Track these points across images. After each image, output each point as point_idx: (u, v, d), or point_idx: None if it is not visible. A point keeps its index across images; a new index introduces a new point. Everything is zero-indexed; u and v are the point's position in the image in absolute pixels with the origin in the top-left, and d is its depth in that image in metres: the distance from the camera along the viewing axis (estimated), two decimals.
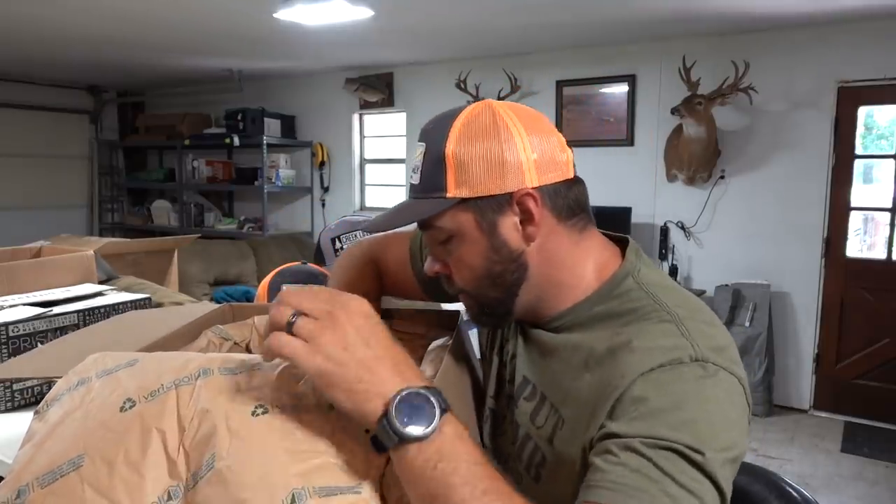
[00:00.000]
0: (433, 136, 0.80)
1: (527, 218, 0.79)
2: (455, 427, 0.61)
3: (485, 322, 0.91)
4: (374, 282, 1.10)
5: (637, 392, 0.69)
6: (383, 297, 1.14)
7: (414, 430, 0.59)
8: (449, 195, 0.78)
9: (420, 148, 0.82)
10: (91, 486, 0.62)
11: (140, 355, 0.74)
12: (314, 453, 0.62)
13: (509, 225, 0.79)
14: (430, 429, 0.59)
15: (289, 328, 0.62)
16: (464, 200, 0.78)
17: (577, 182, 0.83)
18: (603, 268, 0.83)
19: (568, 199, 0.81)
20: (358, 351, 0.61)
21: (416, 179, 0.82)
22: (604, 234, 0.89)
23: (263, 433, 0.62)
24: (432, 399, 0.60)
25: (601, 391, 0.73)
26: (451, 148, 0.78)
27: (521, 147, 0.78)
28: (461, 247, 0.81)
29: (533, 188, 0.78)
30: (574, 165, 0.83)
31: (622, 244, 0.87)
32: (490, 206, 0.78)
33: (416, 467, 0.59)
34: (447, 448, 0.60)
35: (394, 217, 0.84)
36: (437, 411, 0.60)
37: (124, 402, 0.66)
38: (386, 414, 0.60)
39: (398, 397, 0.60)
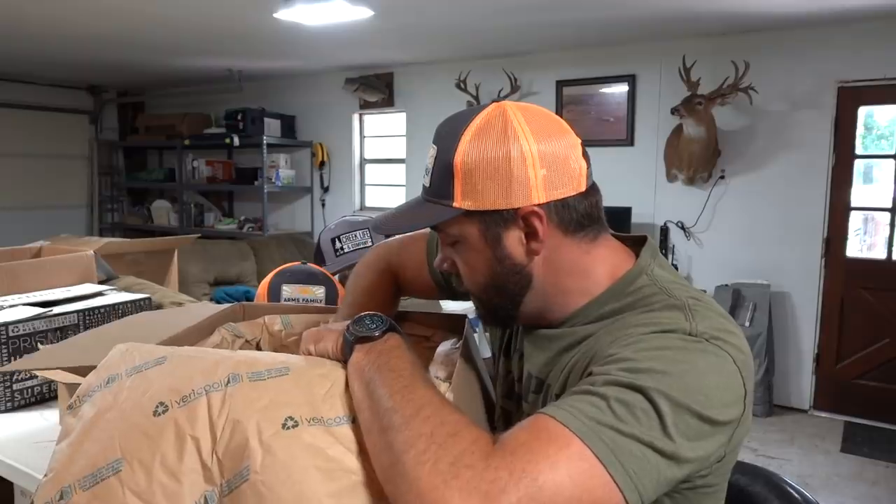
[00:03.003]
0: (445, 141, 0.80)
1: (531, 234, 0.78)
2: (395, 339, 0.75)
3: (491, 323, 0.93)
4: (388, 293, 1.10)
5: (618, 346, 0.71)
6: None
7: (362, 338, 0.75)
8: (455, 205, 0.78)
9: (432, 150, 0.81)
10: (131, 490, 0.65)
11: (168, 351, 0.76)
12: (343, 472, 0.65)
13: (514, 238, 0.79)
14: (376, 332, 0.76)
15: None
16: (469, 212, 0.78)
17: (590, 193, 0.81)
18: (615, 270, 0.83)
19: (577, 213, 0.80)
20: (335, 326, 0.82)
21: (426, 182, 0.83)
22: (623, 235, 0.89)
23: (295, 449, 0.64)
24: (373, 322, 0.77)
25: (593, 357, 0.74)
26: (459, 158, 0.77)
27: (531, 162, 0.76)
28: (467, 253, 0.82)
29: (539, 205, 0.77)
30: (589, 175, 0.81)
31: (640, 244, 0.87)
32: (495, 220, 0.78)
33: (358, 363, 0.72)
34: (386, 349, 0.73)
35: (402, 220, 0.86)
36: (381, 324, 0.76)
37: (157, 406, 0.68)
38: (344, 332, 0.77)
39: (350, 322, 0.78)
